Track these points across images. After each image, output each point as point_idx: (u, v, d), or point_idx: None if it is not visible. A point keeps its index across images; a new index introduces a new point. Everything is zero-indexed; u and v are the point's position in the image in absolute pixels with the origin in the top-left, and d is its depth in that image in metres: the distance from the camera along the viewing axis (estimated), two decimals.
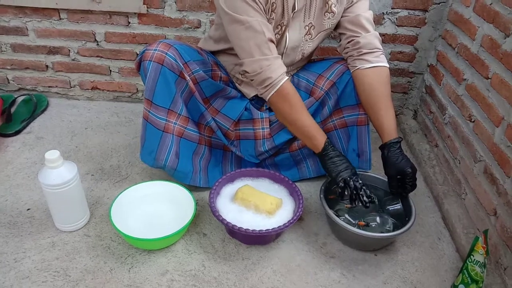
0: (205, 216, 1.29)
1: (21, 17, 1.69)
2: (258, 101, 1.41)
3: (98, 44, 1.75)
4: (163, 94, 1.20)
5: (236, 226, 1.10)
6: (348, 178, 1.14)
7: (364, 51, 1.22)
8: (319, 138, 1.18)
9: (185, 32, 1.70)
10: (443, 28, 1.59)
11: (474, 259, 1.03)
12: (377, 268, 1.17)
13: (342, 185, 1.15)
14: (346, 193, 1.14)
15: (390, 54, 1.71)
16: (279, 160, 1.43)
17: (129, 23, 1.69)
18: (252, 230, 1.09)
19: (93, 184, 1.40)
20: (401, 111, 1.87)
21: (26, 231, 1.20)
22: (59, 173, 1.10)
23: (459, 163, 1.38)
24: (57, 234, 1.20)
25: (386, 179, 1.33)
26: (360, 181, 1.16)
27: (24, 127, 1.67)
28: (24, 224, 1.22)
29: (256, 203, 1.19)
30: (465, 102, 1.36)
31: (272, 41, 1.14)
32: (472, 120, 1.31)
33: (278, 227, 1.11)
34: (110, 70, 1.82)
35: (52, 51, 1.77)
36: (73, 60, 1.80)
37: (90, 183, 1.40)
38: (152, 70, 1.16)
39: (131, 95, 1.89)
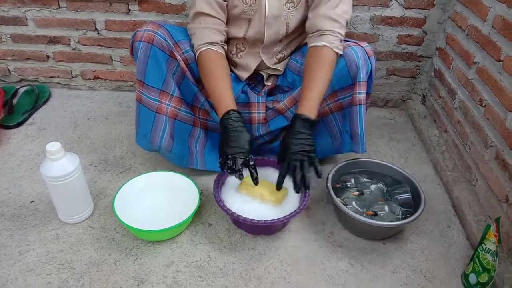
0: (209, 207, 1.28)
1: (19, 7, 1.66)
2: (257, 86, 1.39)
3: (98, 33, 1.72)
4: (154, 74, 1.19)
5: (242, 216, 1.08)
6: (230, 156, 1.10)
7: (310, 33, 1.21)
8: (220, 109, 1.15)
9: (186, 19, 1.66)
10: (453, 9, 1.54)
11: (486, 248, 1.00)
12: (385, 257, 1.15)
13: (222, 161, 1.11)
14: (224, 169, 1.11)
15: (397, 37, 1.66)
16: (276, 146, 1.40)
17: (129, 10, 1.66)
18: (257, 220, 1.07)
19: (96, 175, 1.38)
20: (409, 96, 1.83)
21: (30, 223, 1.19)
22: (61, 165, 1.08)
23: (470, 148, 1.34)
24: (61, 226, 1.19)
25: (394, 166, 1.30)
26: (251, 163, 1.12)
27: (26, 119, 1.65)
28: (28, 216, 1.21)
29: (262, 192, 1.16)
30: (476, 86, 1.32)
31: (204, 13, 1.18)
32: (483, 104, 1.27)
33: (284, 216, 1.09)
34: (112, 59, 1.80)
35: (53, 40, 1.75)
36: (74, 49, 1.77)
37: (93, 174, 1.38)
38: (142, 50, 1.16)
39: (133, 84, 1.86)
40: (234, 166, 1.09)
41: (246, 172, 1.15)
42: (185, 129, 1.31)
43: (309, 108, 1.13)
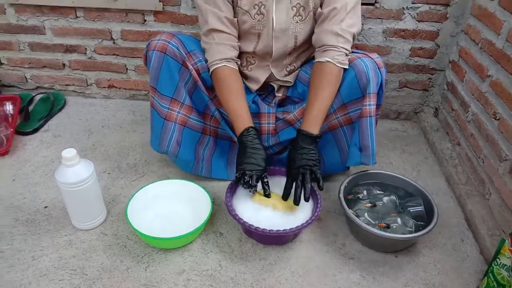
0: (221, 216, 1.28)
1: (38, 16, 1.69)
2: (268, 96, 1.40)
3: (114, 42, 1.75)
4: (166, 83, 1.22)
5: (253, 225, 1.08)
6: (247, 172, 1.12)
7: (316, 48, 1.23)
8: (239, 126, 1.18)
9: (200, 30, 1.68)
10: (466, 23, 1.54)
11: (501, 263, 0.99)
12: (398, 270, 1.14)
13: (238, 176, 1.13)
14: (239, 183, 1.15)
15: (410, 50, 1.67)
16: (285, 157, 1.40)
17: (145, 21, 1.68)
18: (269, 230, 1.07)
19: (109, 182, 1.40)
20: (422, 109, 1.83)
21: (44, 229, 1.20)
22: (76, 171, 1.09)
23: (483, 162, 1.33)
24: (74, 232, 1.20)
25: (407, 178, 1.30)
26: (266, 180, 1.15)
27: (41, 125, 1.68)
28: (42, 222, 1.23)
29: (274, 202, 1.17)
30: (489, 99, 1.32)
31: (217, 30, 1.20)
32: (497, 117, 1.26)
33: (296, 227, 1.09)
34: (127, 68, 1.82)
35: (69, 49, 1.78)
36: (89, 58, 1.80)
37: (106, 181, 1.40)
38: (155, 59, 1.19)
39: (147, 93, 1.88)
40: (250, 182, 1.11)
41: (258, 187, 1.17)
42: (194, 136, 1.33)
43: (311, 124, 1.16)
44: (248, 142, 1.15)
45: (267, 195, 1.16)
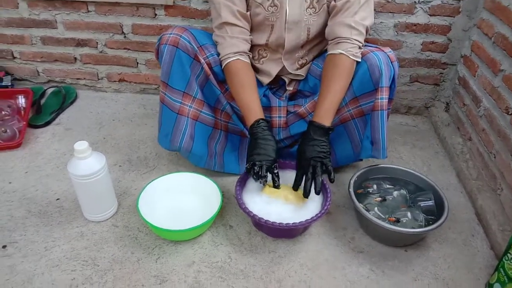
0: (231, 208, 1.29)
1: (50, 10, 1.71)
2: (279, 90, 1.40)
3: (125, 36, 1.76)
4: (178, 77, 1.22)
5: (263, 218, 1.09)
6: (257, 162, 1.12)
7: (329, 41, 1.23)
8: (250, 118, 1.19)
9: (212, 24, 1.68)
10: (479, 17, 1.52)
11: (511, 258, 0.98)
12: (407, 264, 1.13)
13: (248, 166, 1.14)
14: (250, 174, 1.16)
15: (422, 44, 1.65)
16: (295, 151, 1.41)
17: (155, 15, 1.69)
18: (279, 223, 1.08)
19: (120, 175, 1.41)
20: (433, 104, 1.82)
21: (56, 220, 1.22)
22: (88, 163, 1.10)
23: (495, 157, 1.32)
24: (85, 224, 1.21)
25: (417, 173, 1.29)
26: (276, 171, 1.15)
27: (53, 119, 1.70)
28: (54, 213, 1.24)
29: (285, 194, 1.17)
30: (502, 93, 1.31)
31: (230, 23, 1.20)
32: (510, 112, 1.25)
33: (306, 220, 1.09)
34: (137, 62, 1.83)
35: (80, 43, 1.79)
36: (100, 52, 1.81)
37: (117, 174, 1.41)
38: (167, 53, 1.19)
39: (158, 87, 1.89)
40: (260, 172, 1.12)
41: (268, 178, 1.17)
42: (206, 131, 1.33)
43: (323, 116, 1.16)
44: (258, 133, 1.16)
45: (276, 186, 1.16)
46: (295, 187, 1.18)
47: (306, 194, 1.12)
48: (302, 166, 1.16)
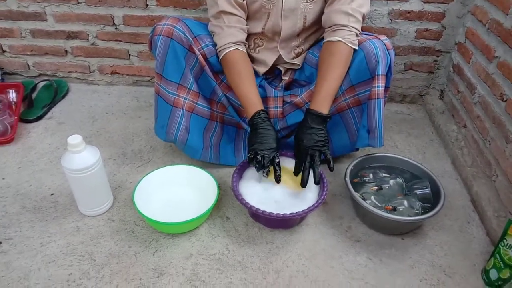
0: (227, 200, 1.28)
1: (39, 2, 1.68)
2: (274, 80, 1.39)
3: (116, 28, 1.73)
4: (173, 69, 1.21)
5: (260, 209, 1.09)
6: (259, 152, 1.13)
7: (325, 29, 1.21)
8: (249, 110, 1.18)
9: (204, 13, 1.66)
10: (473, 3, 1.52)
11: (507, 243, 0.99)
12: (404, 252, 1.14)
13: (251, 156, 1.15)
14: (252, 164, 1.16)
15: (416, 32, 1.65)
16: (293, 141, 1.40)
17: (147, 5, 1.66)
18: (276, 214, 1.08)
19: (115, 168, 1.40)
20: (427, 91, 1.82)
21: (51, 215, 1.21)
22: (82, 157, 1.09)
23: (489, 144, 1.32)
24: (81, 218, 1.20)
25: (413, 161, 1.29)
26: (277, 161, 1.14)
27: (45, 113, 1.68)
28: (49, 209, 1.23)
29: (285, 179, 1.18)
30: (497, 80, 1.30)
31: (227, 12, 1.19)
32: (504, 99, 1.25)
33: (303, 210, 1.09)
34: (129, 54, 1.81)
35: (71, 35, 1.77)
36: (92, 44, 1.79)
37: (112, 168, 1.40)
38: (161, 44, 1.18)
39: (151, 79, 1.87)
40: (263, 162, 1.12)
41: None
42: (201, 122, 1.32)
43: (321, 104, 1.15)
44: (259, 124, 1.16)
45: (277, 176, 1.15)
46: (296, 174, 1.17)
47: (304, 184, 1.12)
48: (300, 155, 1.15)
